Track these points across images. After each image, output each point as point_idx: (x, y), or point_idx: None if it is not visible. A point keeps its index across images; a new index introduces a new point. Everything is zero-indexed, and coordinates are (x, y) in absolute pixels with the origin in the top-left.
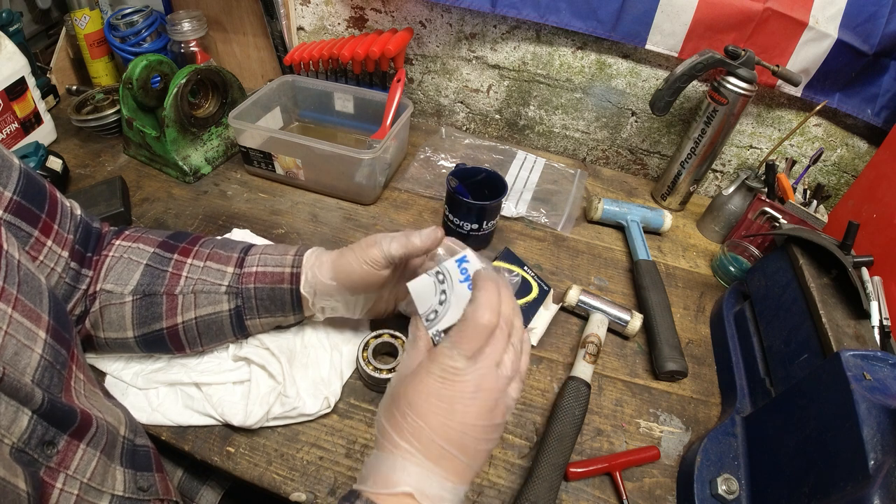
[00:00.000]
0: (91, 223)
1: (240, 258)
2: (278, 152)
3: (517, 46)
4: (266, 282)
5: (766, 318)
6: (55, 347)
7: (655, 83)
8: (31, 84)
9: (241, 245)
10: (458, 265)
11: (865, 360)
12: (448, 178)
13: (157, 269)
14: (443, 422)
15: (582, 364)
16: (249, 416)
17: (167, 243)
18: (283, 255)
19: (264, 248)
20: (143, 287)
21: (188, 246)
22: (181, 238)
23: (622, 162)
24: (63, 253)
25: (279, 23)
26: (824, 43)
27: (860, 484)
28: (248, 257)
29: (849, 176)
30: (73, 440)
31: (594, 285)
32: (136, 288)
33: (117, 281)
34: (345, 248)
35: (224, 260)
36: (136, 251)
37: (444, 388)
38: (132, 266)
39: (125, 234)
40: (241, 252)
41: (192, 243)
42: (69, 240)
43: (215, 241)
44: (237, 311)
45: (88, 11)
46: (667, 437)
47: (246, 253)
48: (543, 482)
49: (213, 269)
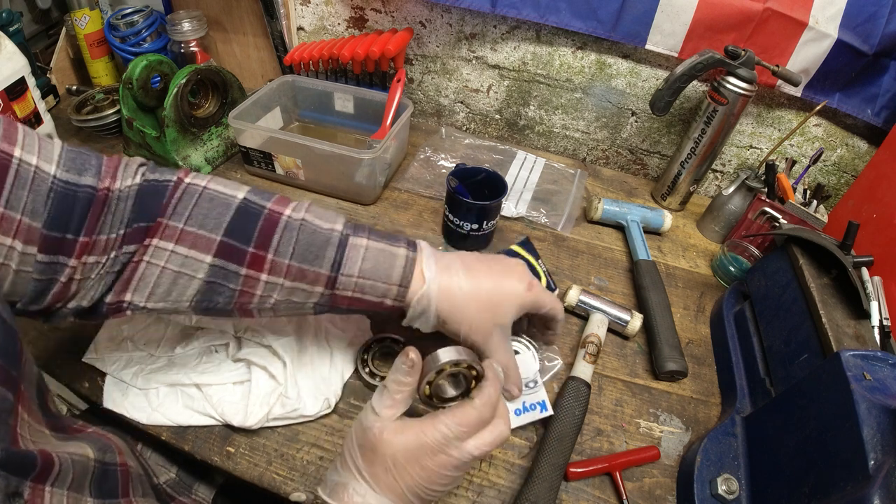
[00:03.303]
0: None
1: (331, 278)
2: (278, 152)
3: (517, 46)
4: (362, 307)
5: (766, 318)
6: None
7: (655, 83)
8: (31, 84)
9: (329, 251)
10: None
11: (865, 360)
12: (448, 178)
13: (222, 286)
14: (417, 483)
15: (582, 364)
16: (249, 416)
17: (230, 248)
18: (385, 285)
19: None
20: (205, 303)
21: (260, 253)
22: (248, 235)
23: (622, 162)
24: (15, 244)
25: (279, 23)
26: (824, 43)
27: (860, 484)
28: (342, 278)
29: (849, 176)
30: (37, 485)
31: (594, 285)
32: (195, 304)
33: (165, 298)
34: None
35: (311, 278)
36: (185, 261)
37: (430, 461)
38: (184, 280)
39: (164, 228)
40: (331, 267)
41: (264, 246)
42: (24, 224)
43: (297, 240)
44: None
45: (88, 11)
46: (667, 437)
47: (339, 270)
48: (543, 482)
49: (298, 290)
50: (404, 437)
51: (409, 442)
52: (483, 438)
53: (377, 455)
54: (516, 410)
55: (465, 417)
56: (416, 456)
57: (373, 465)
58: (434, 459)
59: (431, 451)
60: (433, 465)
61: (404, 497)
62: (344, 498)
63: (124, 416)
